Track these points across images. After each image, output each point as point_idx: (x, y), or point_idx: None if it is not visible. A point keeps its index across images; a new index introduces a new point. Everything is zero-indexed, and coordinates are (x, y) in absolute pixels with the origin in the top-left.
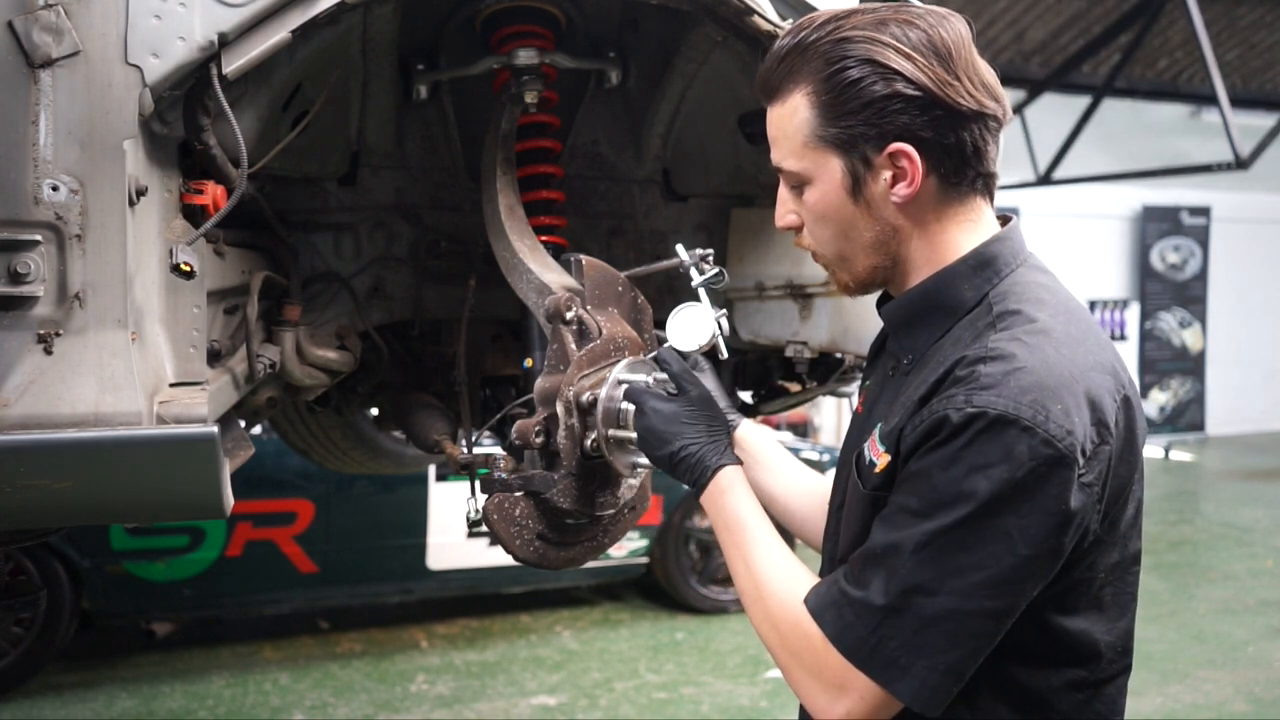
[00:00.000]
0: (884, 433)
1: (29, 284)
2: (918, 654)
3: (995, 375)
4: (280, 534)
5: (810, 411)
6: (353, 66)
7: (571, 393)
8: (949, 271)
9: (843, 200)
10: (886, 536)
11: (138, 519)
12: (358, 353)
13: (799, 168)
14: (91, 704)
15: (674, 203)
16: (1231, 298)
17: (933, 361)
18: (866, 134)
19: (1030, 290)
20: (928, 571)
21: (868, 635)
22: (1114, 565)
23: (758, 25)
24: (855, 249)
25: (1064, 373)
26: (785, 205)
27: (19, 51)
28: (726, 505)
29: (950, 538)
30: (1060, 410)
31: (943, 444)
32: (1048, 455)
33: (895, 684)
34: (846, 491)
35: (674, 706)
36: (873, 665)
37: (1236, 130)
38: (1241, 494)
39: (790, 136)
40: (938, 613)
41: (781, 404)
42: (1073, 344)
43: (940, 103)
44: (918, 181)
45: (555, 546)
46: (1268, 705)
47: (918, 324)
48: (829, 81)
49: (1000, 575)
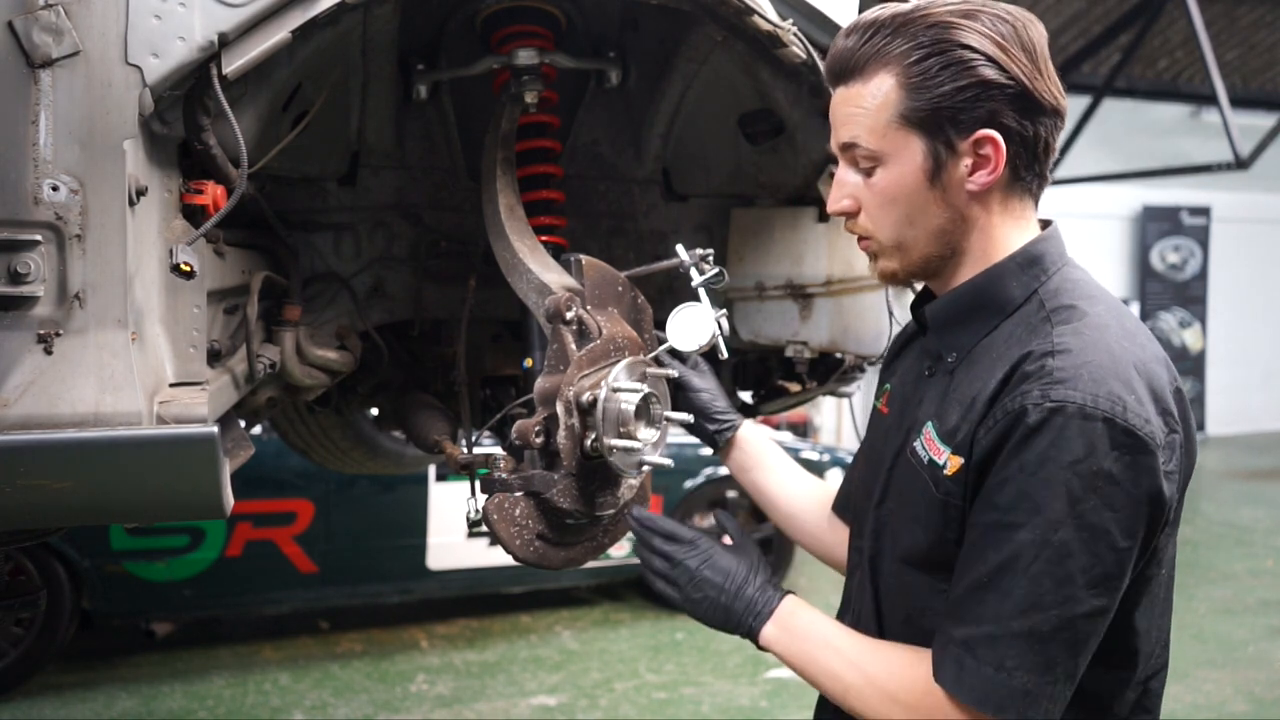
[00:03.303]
0: (943, 432)
1: (29, 284)
2: (1043, 673)
3: (1067, 369)
4: (280, 534)
5: (810, 411)
6: (353, 66)
7: (571, 393)
8: (999, 268)
9: (919, 184)
10: (989, 561)
11: (138, 519)
12: (358, 353)
13: (877, 146)
14: (91, 704)
15: (674, 203)
16: (1231, 298)
17: (985, 359)
18: (955, 118)
19: (1080, 288)
20: (1041, 586)
21: (994, 673)
22: (1171, 559)
23: (758, 25)
24: (918, 236)
25: (1129, 365)
26: (844, 188)
27: (19, 51)
28: (799, 625)
29: (1055, 547)
30: (1134, 400)
31: (1025, 443)
32: (1130, 444)
33: (1030, 712)
34: (888, 490)
35: (674, 706)
36: (1007, 707)
37: (1236, 130)
38: (1241, 494)
39: (872, 114)
40: (1056, 625)
41: (781, 404)
42: (1129, 337)
43: (1028, 94)
44: (999, 170)
45: (555, 546)
46: (1268, 705)
47: (964, 321)
48: (922, 63)
49: (1106, 572)
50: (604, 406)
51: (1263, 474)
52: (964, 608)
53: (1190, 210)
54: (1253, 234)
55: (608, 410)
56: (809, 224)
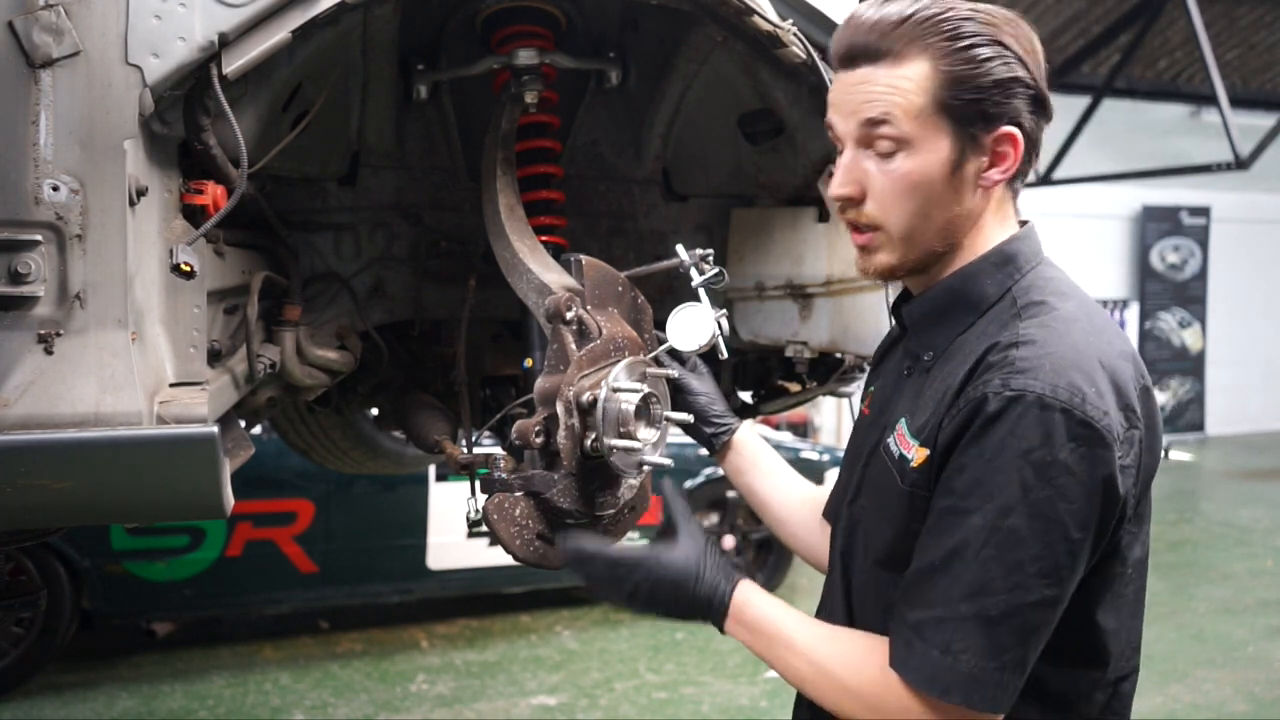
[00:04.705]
0: (915, 427)
1: (29, 284)
2: (990, 658)
3: (1029, 359)
4: (280, 534)
5: (810, 411)
6: (353, 66)
7: (571, 393)
8: (973, 267)
9: (942, 174)
10: (942, 545)
11: (138, 519)
12: (358, 353)
13: (909, 129)
14: (91, 704)
15: (674, 203)
16: (1231, 298)
17: (958, 355)
18: (987, 112)
19: (1052, 284)
20: (990, 571)
21: (940, 656)
22: (1138, 561)
23: (758, 25)
24: (927, 229)
25: (1093, 358)
26: (851, 172)
27: (19, 51)
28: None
29: (1005, 533)
30: (1094, 393)
31: (984, 431)
32: (1086, 436)
33: (975, 697)
34: (861, 487)
35: (674, 706)
36: (952, 690)
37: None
38: (1241, 494)
39: (906, 97)
40: (1004, 610)
41: (781, 404)
42: (1097, 333)
43: (1041, 96)
44: (1013, 168)
45: (555, 546)
46: (1268, 705)
47: (940, 321)
48: (961, 54)
49: (1057, 561)
50: (604, 406)
51: (1263, 474)
52: (915, 591)
53: (1190, 210)
54: (1253, 234)
55: (608, 410)
56: (809, 224)
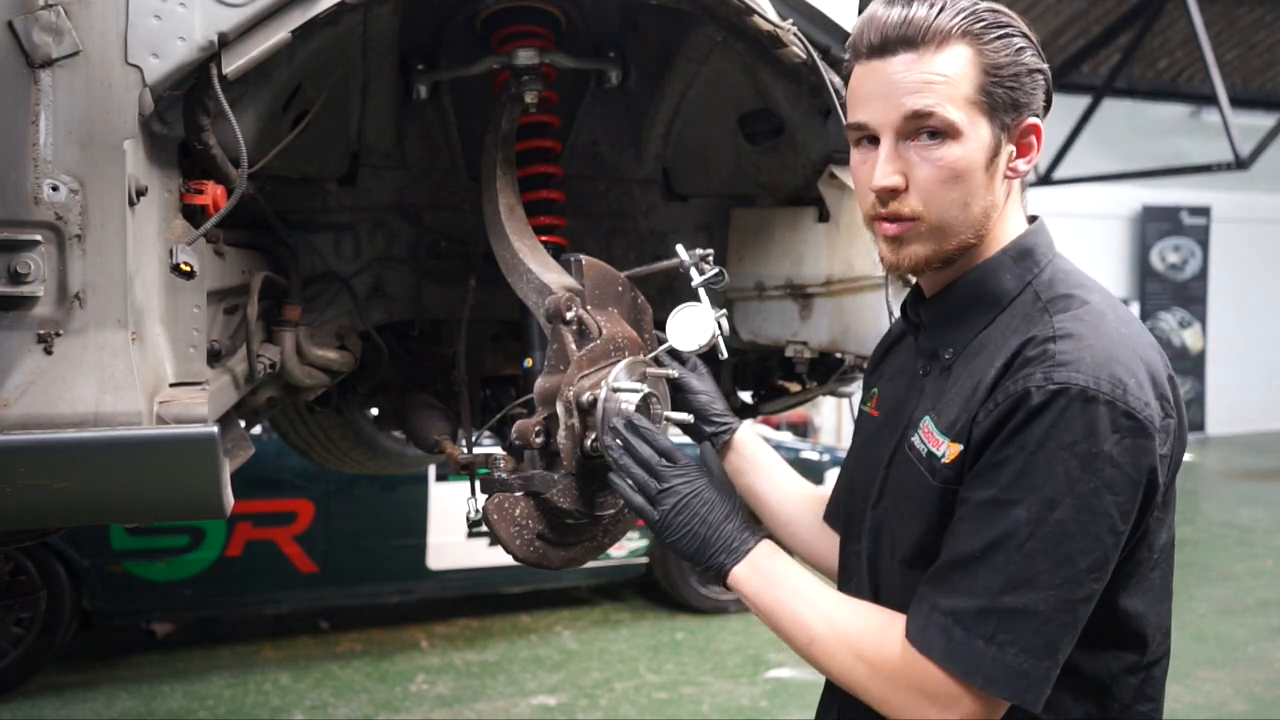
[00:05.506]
0: (944, 424)
1: (29, 284)
2: (1042, 656)
3: (1070, 352)
4: (280, 534)
5: (810, 411)
6: (353, 66)
7: (571, 393)
8: (993, 262)
9: (982, 164)
10: (981, 536)
11: (138, 519)
12: (358, 353)
13: (957, 119)
14: (91, 704)
15: (674, 203)
16: (1231, 298)
17: (984, 352)
18: (1018, 101)
19: (1072, 278)
20: (1037, 564)
21: (985, 646)
22: (1164, 546)
23: (758, 25)
24: (965, 219)
25: (1129, 350)
26: (894, 164)
27: (19, 51)
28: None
29: (1052, 525)
30: (1135, 384)
31: (1027, 424)
32: (1130, 427)
33: (1025, 694)
34: (885, 488)
35: (674, 706)
36: (998, 682)
37: (1236, 130)
38: (1241, 494)
39: (952, 84)
40: (1055, 606)
41: (781, 404)
42: (1125, 324)
43: (1051, 91)
44: (1036, 159)
45: (555, 546)
46: (1268, 705)
47: (960, 317)
48: (999, 43)
49: (1105, 555)
50: (604, 406)
51: (1263, 474)
52: (949, 579)
53: (1190, 210)
54: (1253, 234)
55: (608, 410)
56: (809, 224)
